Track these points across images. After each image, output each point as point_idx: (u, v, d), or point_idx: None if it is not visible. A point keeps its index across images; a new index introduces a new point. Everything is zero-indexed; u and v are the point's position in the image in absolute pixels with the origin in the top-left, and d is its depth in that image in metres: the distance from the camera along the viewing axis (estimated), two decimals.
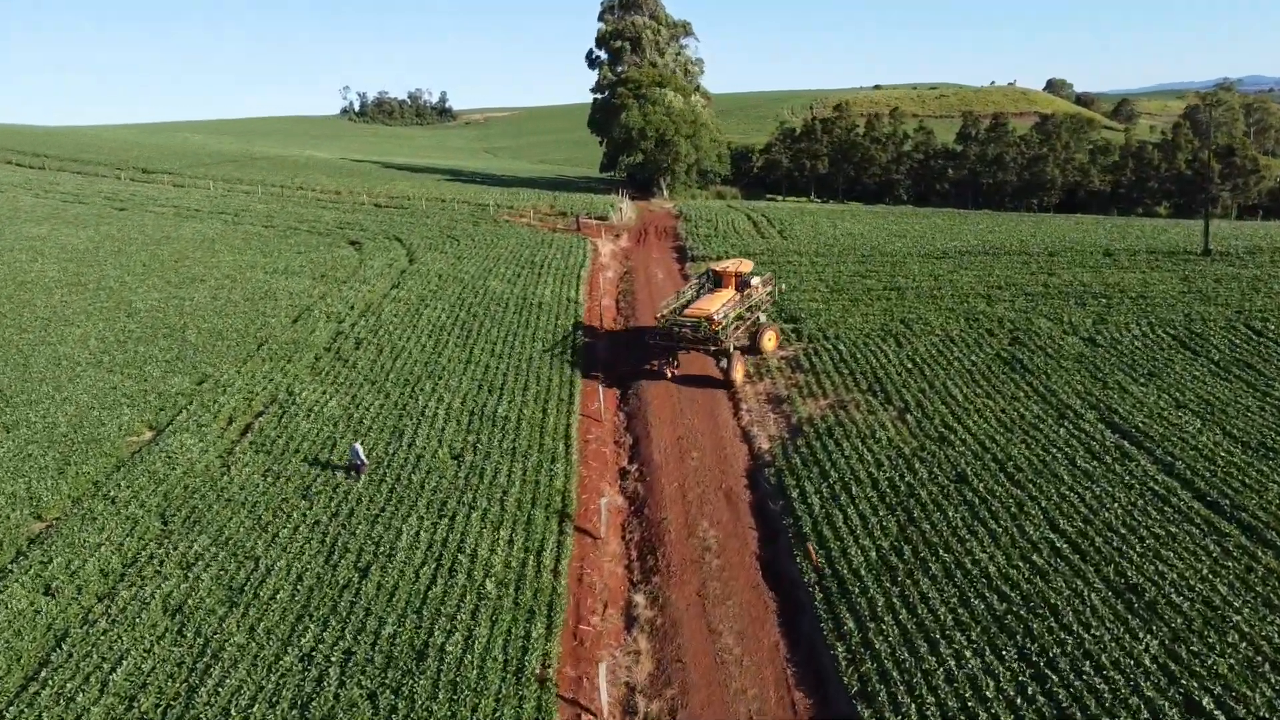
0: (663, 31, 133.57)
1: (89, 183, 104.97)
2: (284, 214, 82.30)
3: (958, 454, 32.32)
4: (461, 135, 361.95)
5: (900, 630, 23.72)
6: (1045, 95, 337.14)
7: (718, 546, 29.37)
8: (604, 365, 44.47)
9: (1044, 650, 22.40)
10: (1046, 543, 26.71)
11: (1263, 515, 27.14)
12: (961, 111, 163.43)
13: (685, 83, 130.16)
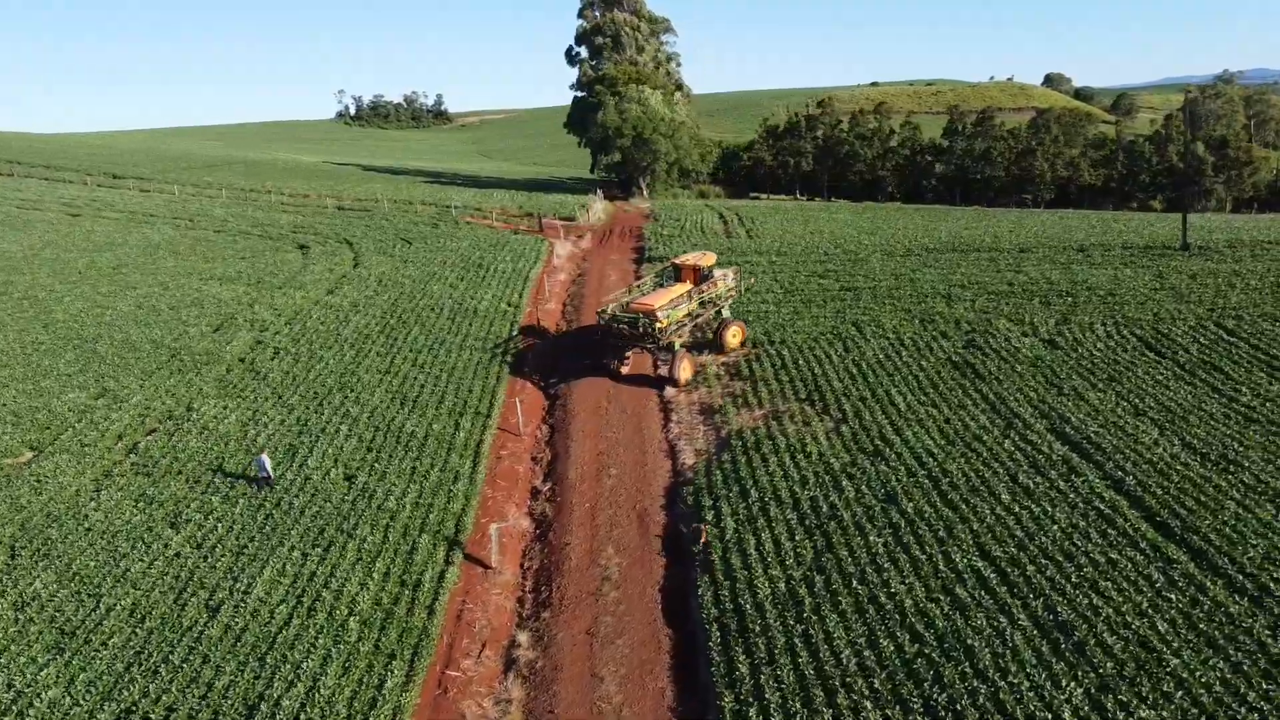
0: (642, 27, 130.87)
1: (51, 189, 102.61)
2: (240, 218, 79.86)
3: (890, 470, 29.60)
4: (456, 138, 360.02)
5: (797, 676, 21.03)
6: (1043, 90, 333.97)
7: (619, 576, 26.71)
8: (537, 373, 41.90)
9: (953, 701, 19.70)
10: (973, 572, 23.99)
11: (1215, 538, 24.39)
12: (950, 107, 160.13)
13: (665, 80, 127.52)
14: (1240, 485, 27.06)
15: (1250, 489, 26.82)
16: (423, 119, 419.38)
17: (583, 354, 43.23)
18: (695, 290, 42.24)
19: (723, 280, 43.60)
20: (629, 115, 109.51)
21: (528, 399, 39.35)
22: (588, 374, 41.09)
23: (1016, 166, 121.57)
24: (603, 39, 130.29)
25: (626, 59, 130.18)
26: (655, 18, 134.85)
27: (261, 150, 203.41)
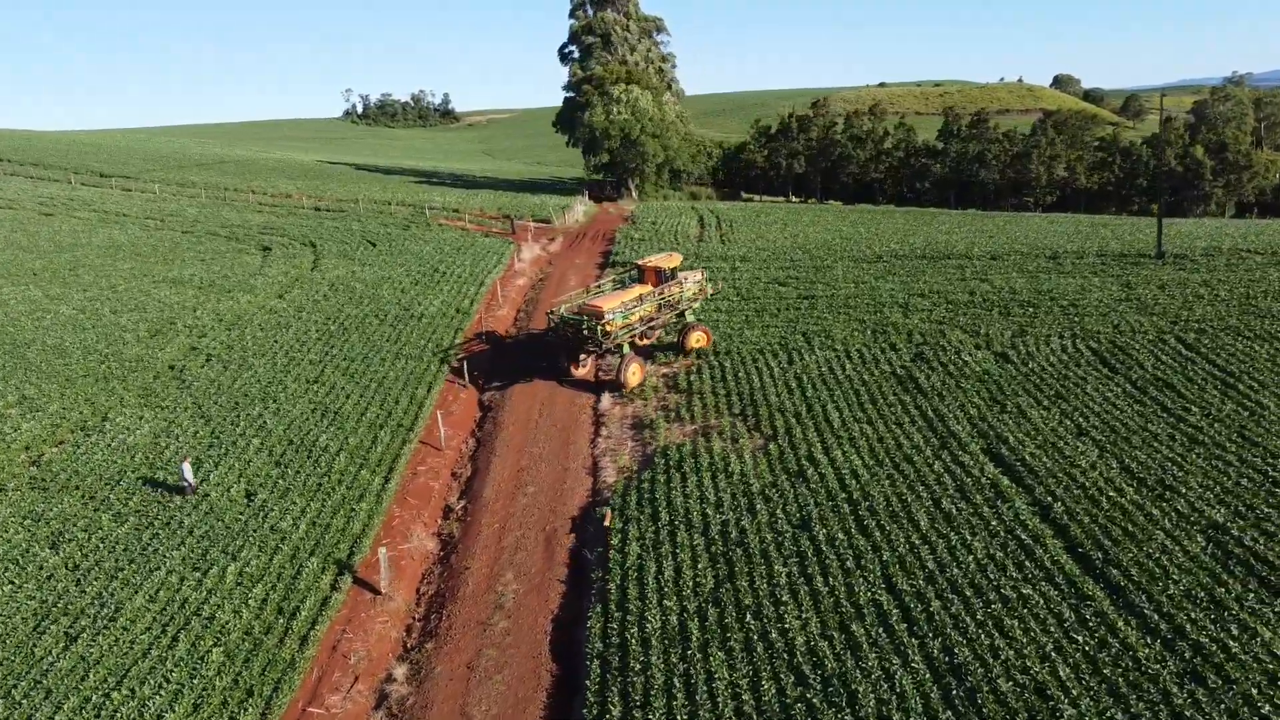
0: (632, 27, 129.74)
1: (33, 186, 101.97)
2: (212, 219, 78.87)
3: (810, 492, 28.15)
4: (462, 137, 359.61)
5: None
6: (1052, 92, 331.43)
7: (513, 604, 25.36)
8: (474, 382, 40.60)
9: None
10: (874, 607, 22.53)
11: (1136, 573, 22.87)
12: (945, 109, 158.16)
13: (656, 80, 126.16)
14: (1173, 514, 25.52)
15: (1183, 518, 25.28)
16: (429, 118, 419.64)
17: (528, 361, 42.02)
18: (655, 292, 40.99)
19: (687, 283, 42.23)
20: (616, 116, 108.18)
21: (459, 410, 38.09)
22: (529, 381, 39.79)
23: (1012, 170, 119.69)
24: (592, 39, 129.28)
25: (617, 59, 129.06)
26: (647, 18, 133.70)
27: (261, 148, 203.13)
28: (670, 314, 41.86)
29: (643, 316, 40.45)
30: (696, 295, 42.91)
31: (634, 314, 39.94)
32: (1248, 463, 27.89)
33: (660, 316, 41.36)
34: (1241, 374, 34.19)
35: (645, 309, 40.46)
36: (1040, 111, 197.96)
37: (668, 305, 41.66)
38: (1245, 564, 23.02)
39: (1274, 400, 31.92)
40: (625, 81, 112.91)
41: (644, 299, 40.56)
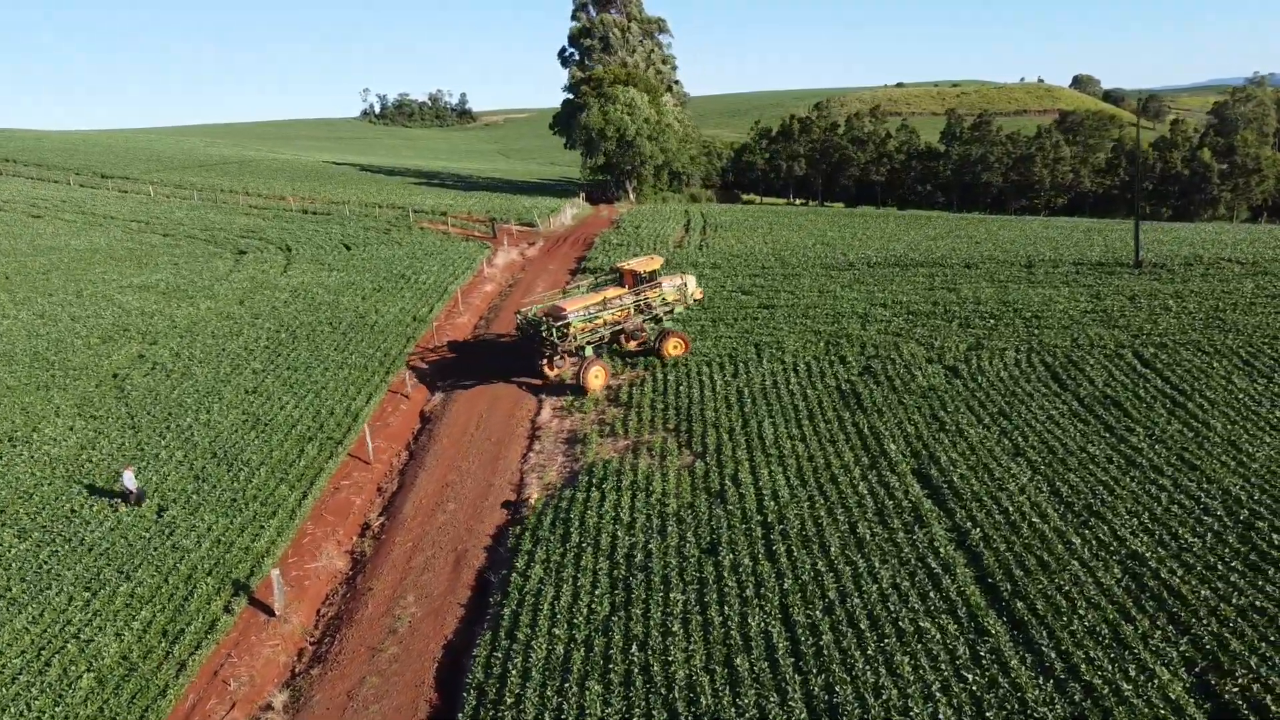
0: (633, 29, 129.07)
1: (31, 188, 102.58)
2: (197, 221, 78.80)
3: (726, 514, 27.28)
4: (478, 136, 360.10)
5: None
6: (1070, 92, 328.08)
7: (407, 629, 24.68)
8: (417, 392, 39.99)
9: None
10: (764, 639, 21.66)
11: (1041, 606, 21.87)
12: (948, 110, 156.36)
13: (656, 81, 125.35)
14: (1094, 542, 24.48)
15: (1102, 547, 24.23)
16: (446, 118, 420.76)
17: (478, 370, 41.35)
18: (630, 295, 40.31)
19: (665, 287, 41.25)
20: (612, 117, 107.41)
21: (398, 422, 37.49)
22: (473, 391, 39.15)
23: (1015, 173, 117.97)
24: (591, 40, 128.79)
25: (617, 60, 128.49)
26: (649, 19, 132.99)
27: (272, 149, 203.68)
28: (644, 319, 40.98)
29: (610, 320, 39.71)
30: (674, 300, 41.76)
31: (600, 317, 39.27)
32: (1181, 488, 26.79)
33: (633, 321, 40.47)
34: (1193, 392, 33.02)
35: (613, 313, 39.72)
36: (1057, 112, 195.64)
37: (642, 309, 40.76)
38: (1158, 598, 21.98)
39: (1221, 420, 30.75)
40: (623, 83, 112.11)
41: (609, 302, 39.82)
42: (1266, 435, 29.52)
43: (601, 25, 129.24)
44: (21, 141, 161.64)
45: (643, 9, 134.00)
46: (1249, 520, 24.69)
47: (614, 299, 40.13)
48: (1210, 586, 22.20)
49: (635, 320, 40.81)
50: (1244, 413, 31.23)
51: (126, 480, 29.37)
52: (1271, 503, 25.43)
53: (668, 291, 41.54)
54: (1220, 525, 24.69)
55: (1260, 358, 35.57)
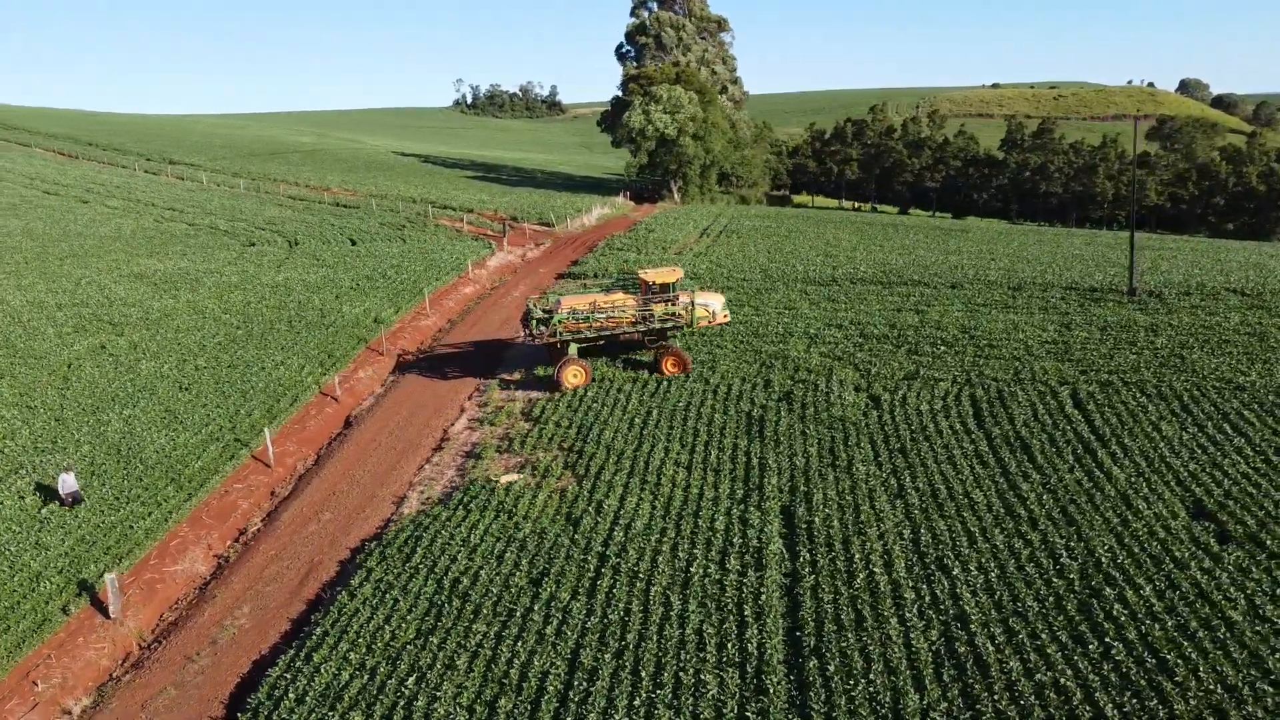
0: (689, 27, 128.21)
1: (95, 171, 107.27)
2: (226, 210, 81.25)
3: (572, 544, 26.73)
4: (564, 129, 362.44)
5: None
6: (1176, 96, 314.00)
7: (230, 640, 24.84)
8: (352, 395, 40.35)
9: None
10: (535, 681, 21.07)
11: (832, 668, 20.74)
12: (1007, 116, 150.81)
13: (707, 80, 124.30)
14: (926, 599, 23.17)
15: (933, 604, 22.91)
16: (536, 109, 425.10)
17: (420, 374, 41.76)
18: (633, 305, 39.44)
19: (681, 302, 39.41)
20: (654, 117, 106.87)
21: (317, 425, 37.87)
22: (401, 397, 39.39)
23: (1077, 183, 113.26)
24: (645, 38, 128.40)
25: (671, 59, 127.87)
26: (708, 17, 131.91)
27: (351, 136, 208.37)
28: (643, 331, 39.64)
29: (601, 325, 39.06)
30: (680, 316, 39.38)
31: (591, 319, 38.81)
32: (1048, 544, 25.18)
33: (632, 330, 39.48)
34: (1112, 438, 31.05)
35: (606, 318, 39.01)
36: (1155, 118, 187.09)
37: (645, 320, 39.36)
38: (961, 667, 20.68)
39: (1128, 471, 28.82)
40: (670, 82, 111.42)
41: (598, 305, 39.30)
42: (1167, 490, 27.56)
43: (657, 23, 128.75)
44: (112, 125, 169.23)
45: (706, 6, 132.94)
46: (1097, 587, 23.05)
47: (610, 305, 39.40)
48: (1022, 657, 20.80)
49: (631, 331, 39.56)
50: (1155, 464, 29.23)
51: (65, 483, 29.69)
52: (1131, 567, 23.70)
53: (682, 307, 39.42)
54: (1065, 590, 23.11)
55: (1201, 403, 33.26)
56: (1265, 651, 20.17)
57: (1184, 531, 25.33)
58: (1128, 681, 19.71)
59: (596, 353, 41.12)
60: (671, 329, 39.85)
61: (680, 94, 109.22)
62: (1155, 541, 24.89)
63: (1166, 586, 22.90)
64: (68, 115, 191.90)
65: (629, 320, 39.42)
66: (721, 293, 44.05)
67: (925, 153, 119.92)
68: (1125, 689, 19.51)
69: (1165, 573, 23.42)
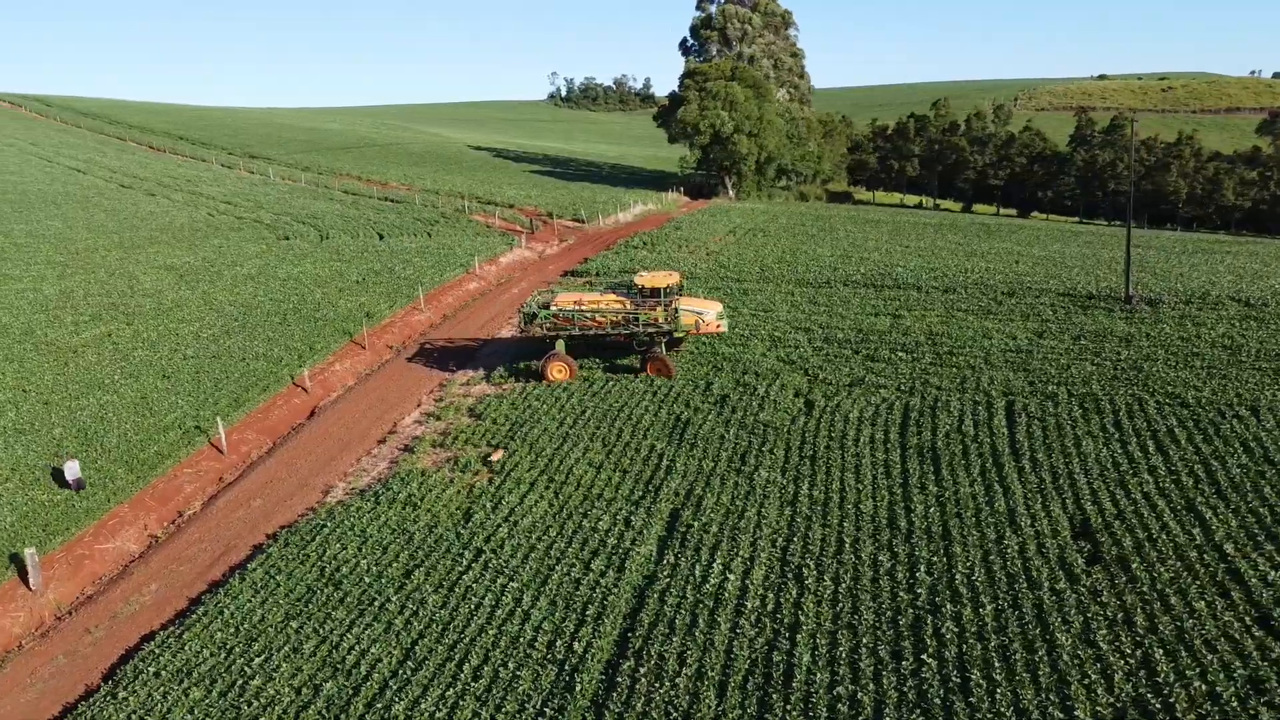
0: (754, 21, 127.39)
1: (172, 165, 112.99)
2: (277, 204, 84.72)
3: (456, 538, 27.72)
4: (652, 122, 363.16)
5: None
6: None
7: (130, 616, 26.69)
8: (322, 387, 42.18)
9: None
10: (366, 666, 22.17)
11: (645, 669, 21.29)
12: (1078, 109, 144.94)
13: (766, 76, 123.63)
14: (727, 618, 23.41)
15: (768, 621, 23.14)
16: (630, 102, 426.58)
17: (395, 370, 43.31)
18: (618, 307, 40.29)
19: (671, 309, 39.65)
20: (709, 113, 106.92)
21: (280, 416, 39.70)
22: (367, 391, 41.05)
23: (1148, 181, 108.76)
24: (710, 31, 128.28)
25: (734, 54, 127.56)
26: (774, 11, 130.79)
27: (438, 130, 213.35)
28: (626, 333, 40.22)
29: (586, 325, 40.02)
30: (666, 322, 39.63)
31: (575, 317, 39.88)
32: (913, 559, 25.03)
33: (615, 332, 40.23)
34: (1029, 451, 30.46)
35: (591, 318, 39.94)
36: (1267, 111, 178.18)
37: (628, 323, 39.96)
38: (767, 677, 20.91)
39: (1027, 488, 28.28)
40: (726, 78, 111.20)
41: (583, 303, 40.42)
42: (1059, 508, 27.00)
43: (722, 17, 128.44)
44: (209, 120, 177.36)
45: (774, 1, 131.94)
46: (939, 604, 22.90)
47: (595, 305, 40.32)
48: (833, 670, 20.91)
49: (614, 333, 40.28)
50: (1060, 480, 28.61)
51: (70, 471, 32.11)
52: (983, 585, 23.43)
53: (666, 313, 39.63)
54: (906, 605, 23.02)
55: (1136, 418, 32.28)
56: (1074, 677, 19.85)
57: (1056, 551, 24.87)
58: (923, 699, 19.68)
59: (589, 352, 41.76)
60: (655, 334, 40.16)
61: (735, 90, 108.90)
62: (1020, 560, 24.52)
63: (1008, 606, 22.62)
64: (168, 109, 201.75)
65: (611, 322, 40.12)
66: (718, 302, 43.83)
67: (989, 149, 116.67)
68: (917, 707, 19.50)
69: (1014, 592, 23.12)
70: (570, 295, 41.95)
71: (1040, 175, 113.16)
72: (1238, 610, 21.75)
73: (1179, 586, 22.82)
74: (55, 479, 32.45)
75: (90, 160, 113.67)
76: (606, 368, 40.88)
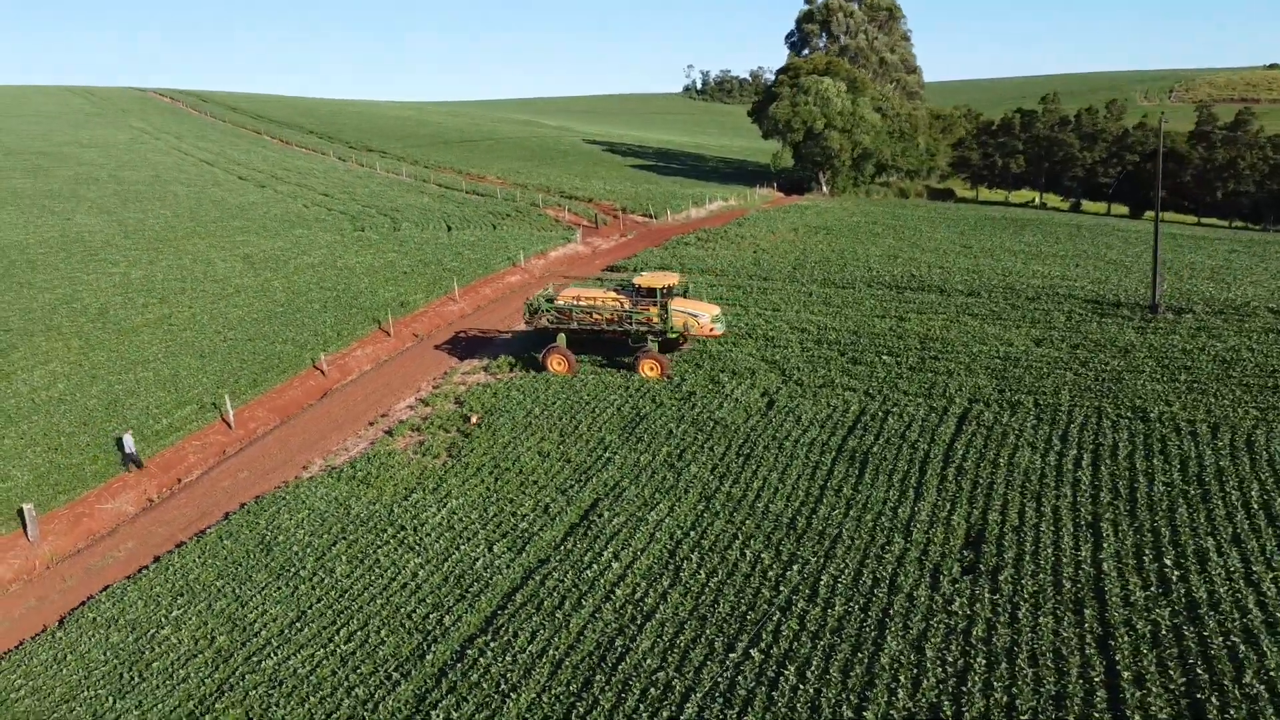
0: (856, 14, 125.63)
1: (291, 157, 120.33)
2: (369, 196, 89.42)
3: (388, 519, 29.87)
4: None
5: None
6: None
7: (101, 569, 29.97)
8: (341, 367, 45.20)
9: None
10: (225, 635, 24.52)
11: (463, 663, 22.85)
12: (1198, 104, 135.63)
13: (873, 72, 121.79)
14: (565, 608, 24.54)
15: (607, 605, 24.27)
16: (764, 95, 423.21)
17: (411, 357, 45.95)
18: (613, 305, 41.75)
19: (663, 309, 40.65)
20: (800, 109, 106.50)
21: (292, 397, 42.76)
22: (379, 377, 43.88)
23: (1273, 181, 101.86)
24: (811, 25, 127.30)
25: (838, 47, 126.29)
26: (879, 4, 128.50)
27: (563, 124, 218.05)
28: (619, 330, 41.54)
29: (584, 320, 41.68)
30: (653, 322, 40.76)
31: (582, 314, 41.57)
32: (791, 559, 25.62)
33: (609, 329, 41.74)
34: (959, 460, 30.28)
35: (589, 314, 41.55)
36: None
37: (623, 320, 41.30)
38: (575, 668, 22.09)
39: (946, 495, 28.26)
40: (820, 73, 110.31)
41: (582, 299, 42.01)
42: (961, 517, 26.94)
43: (825, 10, 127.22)
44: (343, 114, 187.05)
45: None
46: (790, 603, 23.50)
47: (591, 301, 41.98)
48: (645, 662, 21.92)
49: (609, 329, 41.80)
50: (978, 489, 28.46)
51: (126, 444, 36.19)
52: (844, 588, 23.88)
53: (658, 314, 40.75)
54: (758, 602, 23.71)
55: (1086, 430, 31.58)
56: (883, 680, 20.25)
57: (936, 559, 25.00)
58: (732, 689, 20.49)
59: (592, 348, 43.04)
60: (648, 333, 41.29)
61: (827, 85, 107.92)
62: (894, 566, 24.78)
63: (858, 609, 23.06)
64: (308, 104, 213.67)
65: (606, 319, 41.62)
66: (715, 305, 44.27)
67: (1099, 145, 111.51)
68: (724, 696, 20.32)
69: (870, 597, 23.49)
70: (574, 290, 43.45)
71: (1153, 173, 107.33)
72: (1083, 627, 21.56)
73: (1037, 600, 22.71)
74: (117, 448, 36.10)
75: (221, 153, 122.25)
76: (605, 363, 42.20)
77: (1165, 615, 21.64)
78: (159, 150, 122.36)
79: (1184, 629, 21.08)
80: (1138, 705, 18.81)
